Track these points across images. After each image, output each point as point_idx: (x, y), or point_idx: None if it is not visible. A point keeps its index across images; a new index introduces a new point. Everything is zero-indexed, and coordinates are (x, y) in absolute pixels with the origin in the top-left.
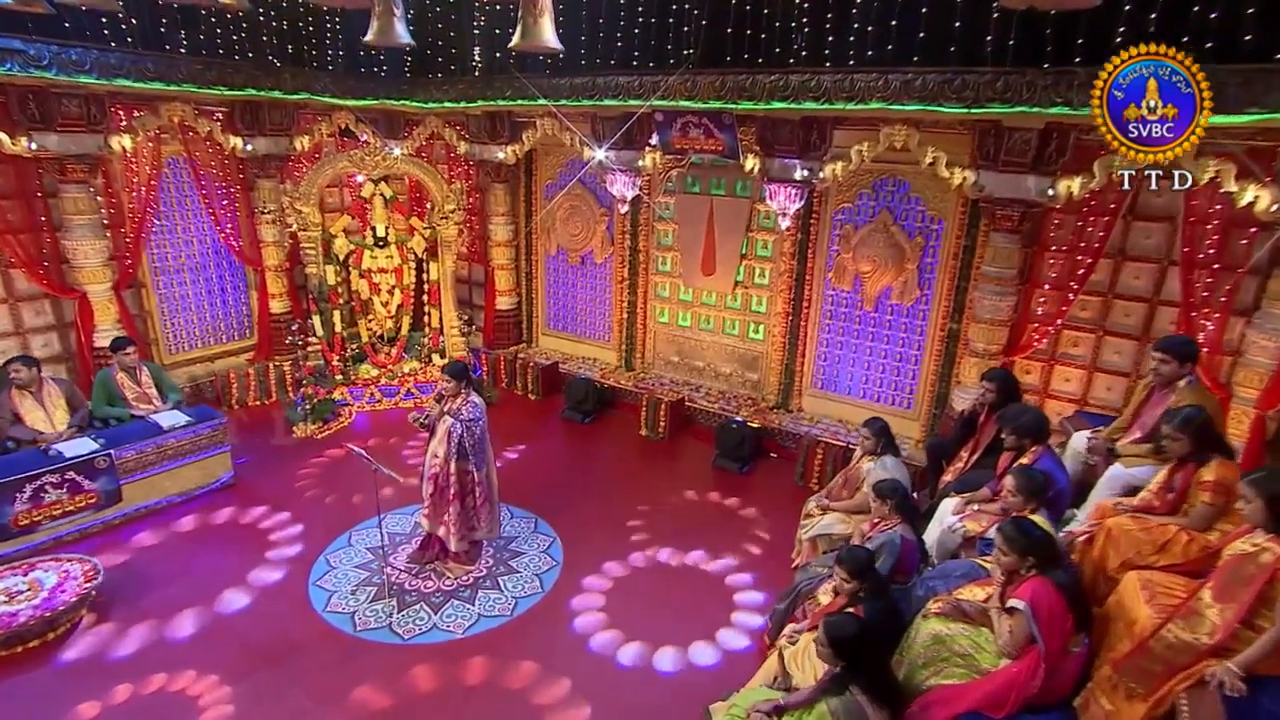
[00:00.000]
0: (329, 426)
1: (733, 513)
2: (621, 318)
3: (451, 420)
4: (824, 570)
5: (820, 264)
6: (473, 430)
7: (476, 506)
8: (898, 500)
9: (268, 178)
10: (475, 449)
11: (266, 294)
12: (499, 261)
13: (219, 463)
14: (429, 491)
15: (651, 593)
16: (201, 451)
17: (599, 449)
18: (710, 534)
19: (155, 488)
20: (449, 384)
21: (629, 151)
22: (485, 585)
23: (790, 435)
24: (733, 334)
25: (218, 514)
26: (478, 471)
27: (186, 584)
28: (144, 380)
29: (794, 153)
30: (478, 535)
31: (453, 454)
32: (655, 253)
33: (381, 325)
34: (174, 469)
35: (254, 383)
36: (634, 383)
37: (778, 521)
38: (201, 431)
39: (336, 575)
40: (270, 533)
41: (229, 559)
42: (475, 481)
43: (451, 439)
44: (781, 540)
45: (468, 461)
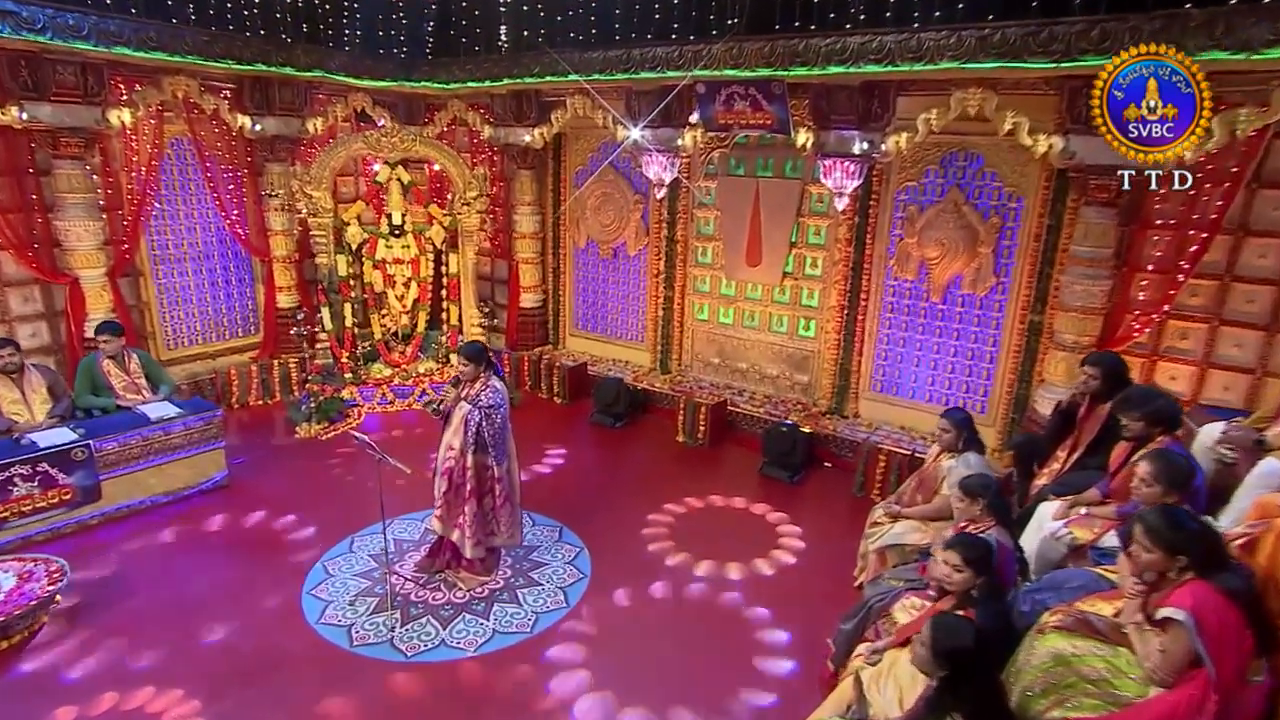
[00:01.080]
0: (335, 427)
1: (781, 524)
2: (656, 315)
3: (469, 407)
4: (899, 583)
5: (880, 251)
6: (493, 419)
7: (495, 507)
8: (990, 498)
9: (277, 161)
10: (495, 440)
11: (274, 287)
12: (524, 255)
13: (212, 460)
14: (442, 489)
15: (687, 614)
16: (193, 447)
17: (631, 455)
18: (755, 546)
19: (139, 485)
20: (466, 366)
21: (667, 129)
22: (502, 599)
23: (846, 443)
24: (780, 331)
25: (207, 516)
26: (498, 466)
27: (165, 591)
28: (133, 369)
29: (852, 123)
30: (496, 541)
31: (470, 445)
32: (694, 243)
33: (396, 321)
34: (161, 465)
35: (256, 381)
36: (670, 386)
37: (832, 535)
38: (194, 425)
39: (334, 584)
40: (264, 537)
41: (215, 566)
42: (494, 478)
43: (469, 428)
44: (837, 557)
45: (487, 454)
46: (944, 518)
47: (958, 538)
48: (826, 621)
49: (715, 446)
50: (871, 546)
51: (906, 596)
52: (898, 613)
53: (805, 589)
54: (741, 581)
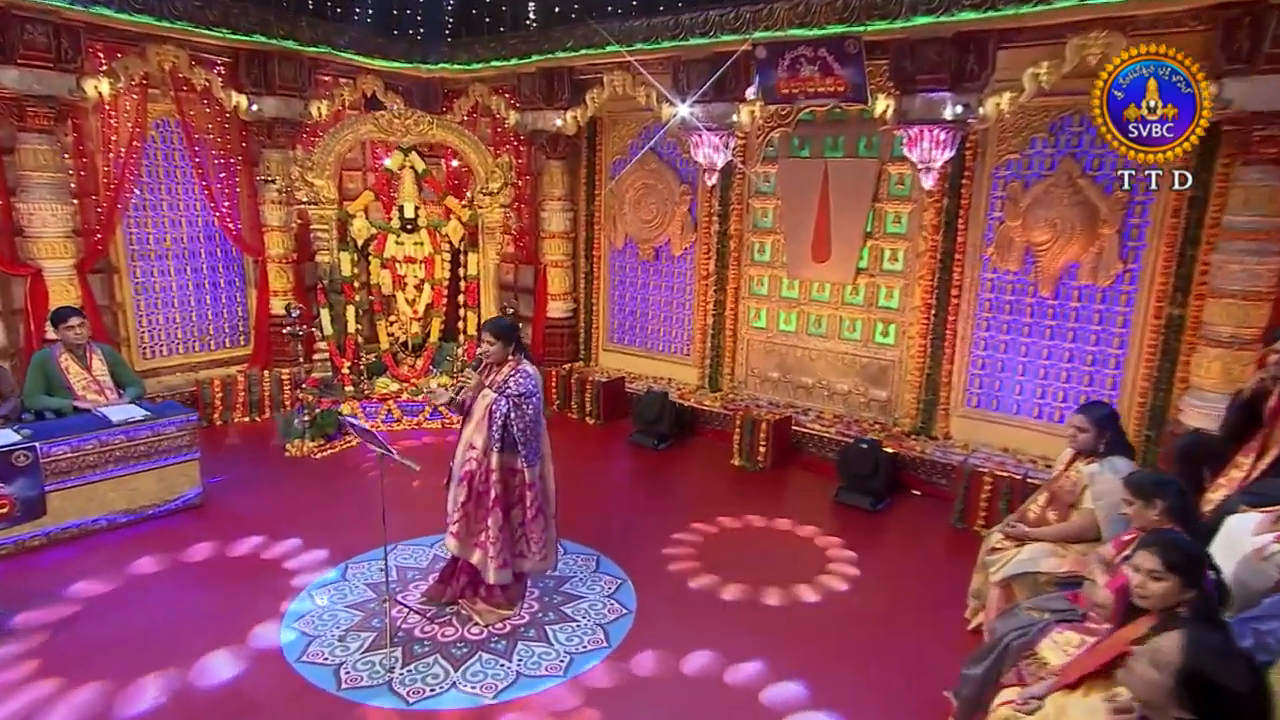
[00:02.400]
0: (331, 446)
1: (864, 559)
2: (705, 324)
3: (495, 396)
4: (1043, 615)
5: (975, 238)
6: (523, 410)
7: (526, 521)
8: (1171, 499)
9: (276, 148)
10: (526, 436)
11: (267, 290)
12: (553, 258)
13: (184, 474)
14: (460, 499)
15: (756, 655)
16: (163, 457)
17: (679, 479)
18: (833, 579)
19: (94, 500)
20: (492, 345)
21: (720, 104)
22: (528, 636)
23: (938, 467)
24: (853, 338)
25: (175, 540)
26: (529, 469)
27: (117, 627)
28: (95, 366)
29: (943, 84)
30: (525, 565)
31: (495, 443)
32: (751, 238)
33: (405, 329)
34: (123, 476)
35: (244, 394)
36: (722, 405)
37: (931, 572)
38: (164, 430)
39: (321, 616)
40: (241, 564)
41: (179, 597)
42: (525, 484)
43: (493, 421)
44: (940, 595)
45: (515, 454)
46: (1087, 538)
47: (1157, 536)
48: (938, 669)
49: (778, 470)
50: (993, 577)
51: (1057, 630)
52: (1046, 651)
53: (905, 630)
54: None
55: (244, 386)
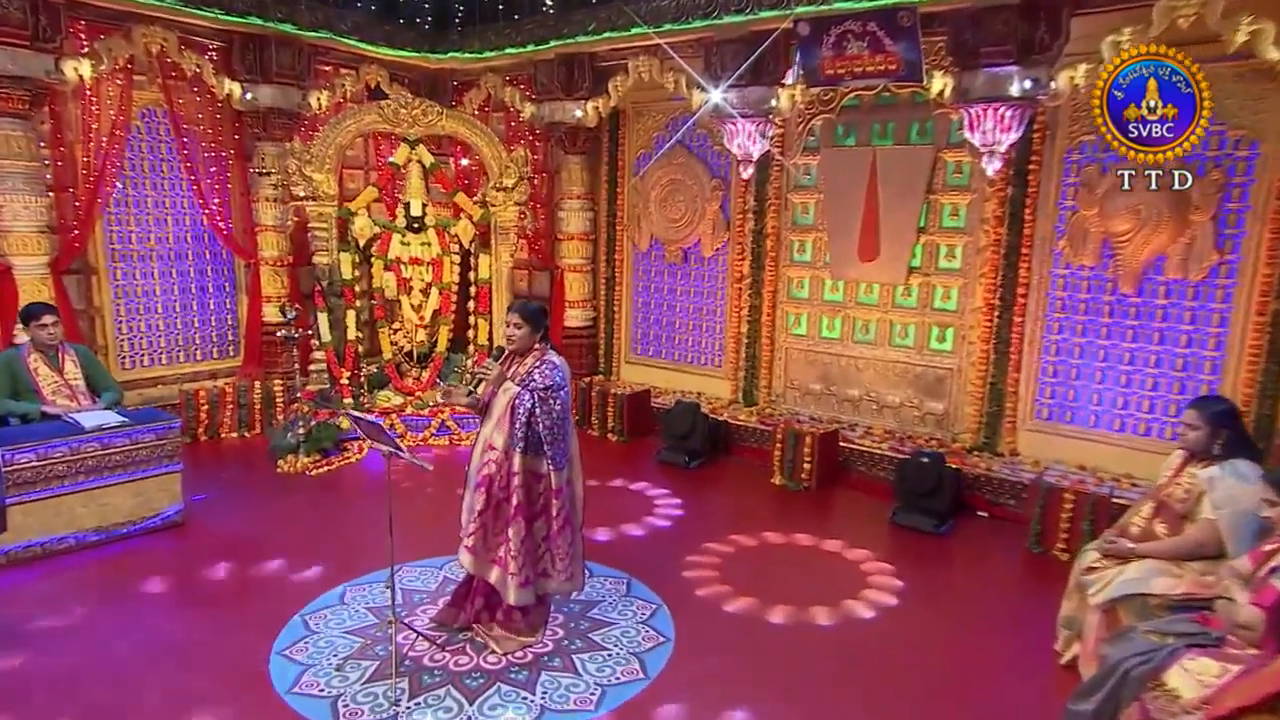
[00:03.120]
0: (329, 462)
1: (929, 588)
2: (739, 332)
3: (518, 389)
4: (1169, 639)
5: (1045, 230)
6: (550, 405)
7: (551, 534)
8: None
9: (271, 141)
10: (553, 436)
11: (259, 296)
12: (571, 261)
13: (164, 489)
14: (477, 507)
15: (812, 689)
16: (140, 468)
17: (715, 500)
18: (892, 609)
19: (62, 516)
20: (518, 329)
21: (757, 89)
22: (553, 666)
23: (1006, 486)
24: (904, 345)
25: (152, 561)
26: (555, 473)
27: (85, 657)
28: (68, 369)
29: (1009, 57)
30: (549, 585)
31: (517, 443)
32: (789, 236)
33: (410, 337)
34: (94, 489)
35: (232, 407)
36: (759, 420)
37: (1011, 601)
38: (143, 438)
39: (316, 643)
40: (226, 588)
41: (156, 624)
42: (551, 490)
43: (516, 418)
44: (1023, 628)
45: (541, 457)
46: (1205, 554)
47: None
48: (1031, 709)
49: (825, 490)
50: (1093, 600)
51: (1188, 657)
52: (1175, 681)
53: (986, 667)
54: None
55: (232, 398)
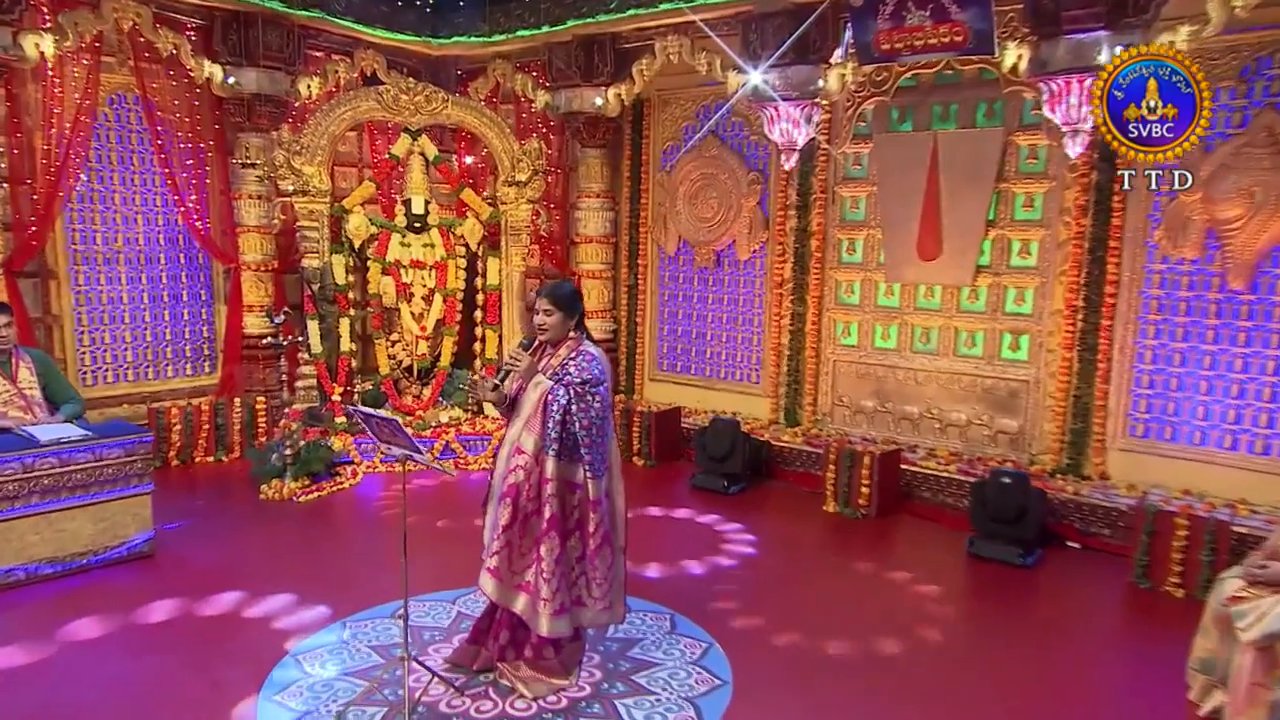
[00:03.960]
0: (319, 487)
1: (1020, 627)
2: (780, 344)
3: (550, 383)
4: None
5: (1137, 220)
6: (588, 402)
7: (588, 553)
8: None
9: (256, 131)
10: (592, 439)
11: (240, 305)
12: (589, 267)
13: (131, 513)
14: (502, 521)
15: None
16: (105, 489)
17: (761, 528)
18: (979, 650)
19: (11, 544)
20: (550, 315)
21: (802, 68)
22: (592, 712)
23: (1099, 513)
24: (972, 355)
25: (118, 596)
26: (593, 482)
27: (34, 706)
28: (22, 376)
29: (1098, 21)
30: (586, 616)
31: (550, 445)
32: (838, 234)
33: (410, 349)
34: (50, 513)
35: (208, 427)
36: (805, 441)
37: (1126, 645)
38: (107, 454)
39: (312, 686)
40: (205, 625)
41: (122, 669)
42: (588, 502)
43: (549, 416)
44: (1147, 675)
45: (576, 462)
46: None
47: None
48: None
49: (886, 519)
50: (1247, 636)
51: None
52: None
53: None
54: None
55: (209, 418)
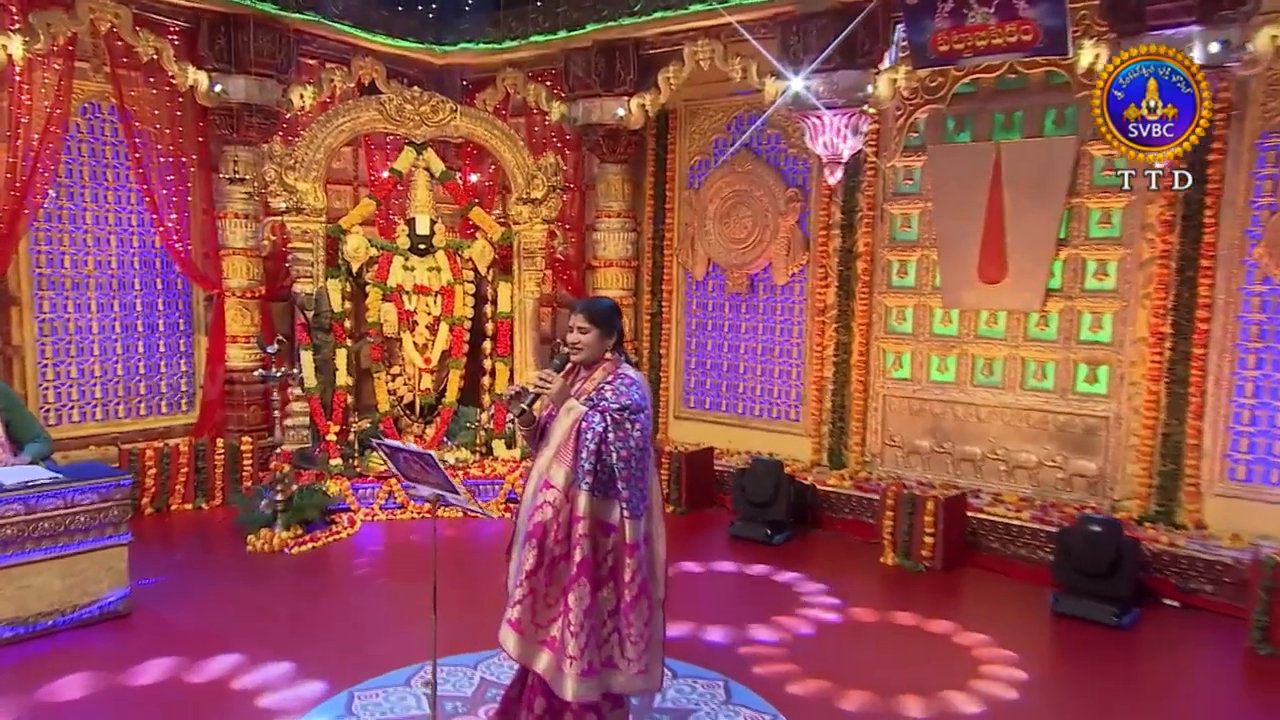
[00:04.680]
0: (314, 537)
1: (1136, 706)
2: (822, 377)
3: (584, 409)
4: None
5: (1232, 236)
6: (626, 431)
7: (621, 606)
8: None
9: (244, 145)
10: (630, 474)
11: (223, 336)
12: (609, 293)
13: (106, 567)
14: (526, 566)
15: None
16: (76, 540)
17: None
18: None
19: None
20: (585, 333)
21: (848, 73)
22: None
23: (1201, 567)
24: (1042, 388)
25: (90, 660)
26: (630, 523)
27: None
28: None
29: (1189, 15)
30: (617, 680)
31: (582, 479)
32: (887, 255)
33: (413, 384)
34: (13, 567)
35: (187, 470)
36: (854, 484)
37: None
38: (80, 500)
39: None
40: (186, 693)
41: None
42: (624, 546)
43: (583, 445)
44: None
45: (612, 500)
46: None
47: None
48: None
49: (953, 571)
50: None
51: None
52: None
53: None
54: None
55: (188, 460)
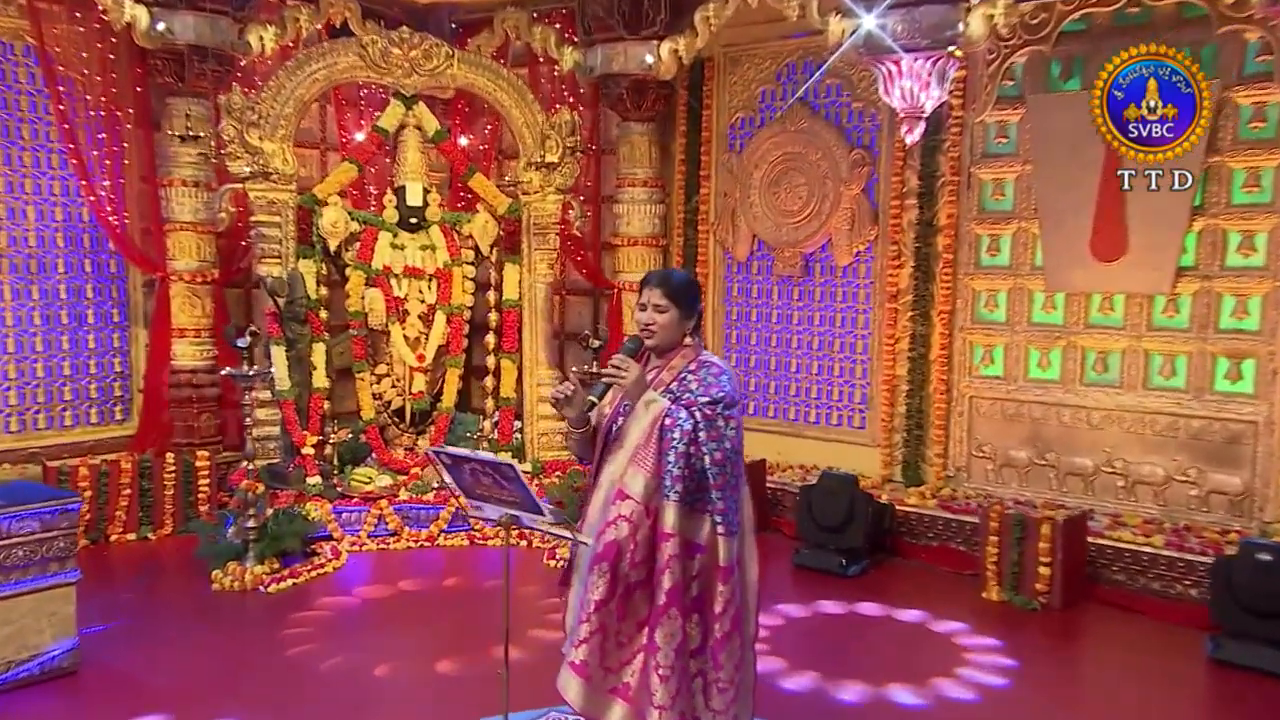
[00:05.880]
0: (293, 572)
1: None
2: (895, 376)
3: (666, 403)
4: None
5: None
6: (719, 430)
7: (710, 644)
8: None
9: (192, 96)
10: (726, 479)
11: (167, 328)
12: (631, 278)
13: (49, 613)
14: (594, 594)
15: None
16: (13, 579)
17: (910, 626)
18: None
19: None
20: (663, 311)
21: (933, 8)
22: None
23: None
24: (1171, 388)
25: None
26: (724, 543)
27: None
28: None
29: None
30: None
31: (671, 487)
32: (975, 229)
33: (402, 386)
34: None
35: (129, 493)
36: (941, 503)
37: None
38: (15, 529)
39: None
40: None
41: None
42: (717, 570)
43: (669, 446)
44: None
45: (702, 514)
46: None
47: None
48: None
49: (1073, 610)
50: None
51: None
52: None
53: None
54: None
55: (131, 480)
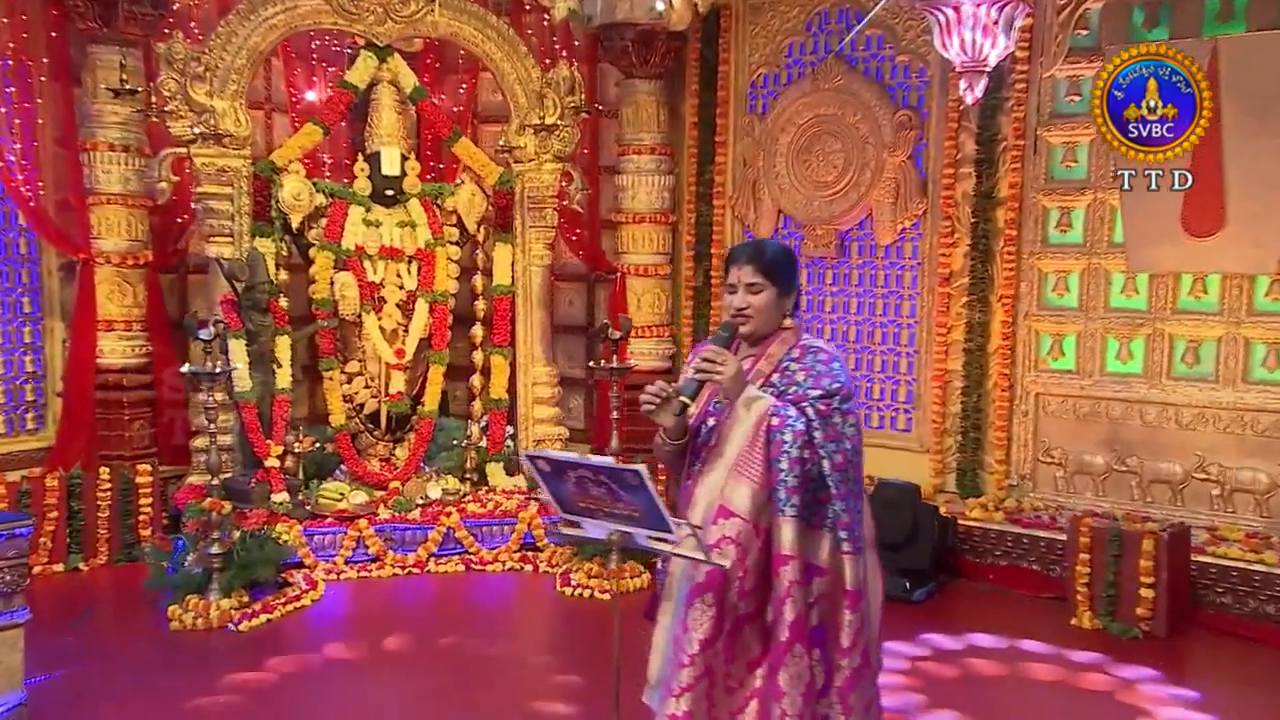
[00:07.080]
0: (266, 607)
1: None
2: (947, 371)
3: (772, 401)
4: None
5: None
6: (837, 429)
7: (837, 682)
8: None
9: (118, 44)
10: (848, 487)
11: (92, 321)
12: (637, 260)
13: None
14: (697, 633)
15: None
16: None
17: (985, 659)
18: None
19: None
20: (758, 290)
21: None
22: None
23: None
24: (1277, 381)
25: None
26: (851, 561)
27: None
28: None
29: None
30: None
31: (787, 500)
32: (1042, 201)
33: (378, 386)
34: None
35: (56, 516)
36: (1010, 517)
37: None
38: None
39: None
40: None
41: None
42: (843, 593)
43: (779, 452)
44: None
45: (820, 528)
46: None
47: None
48: None
49: (1180, 637)
50: None
51: None
52: None
53: None
54: None
55: (58, 500)
